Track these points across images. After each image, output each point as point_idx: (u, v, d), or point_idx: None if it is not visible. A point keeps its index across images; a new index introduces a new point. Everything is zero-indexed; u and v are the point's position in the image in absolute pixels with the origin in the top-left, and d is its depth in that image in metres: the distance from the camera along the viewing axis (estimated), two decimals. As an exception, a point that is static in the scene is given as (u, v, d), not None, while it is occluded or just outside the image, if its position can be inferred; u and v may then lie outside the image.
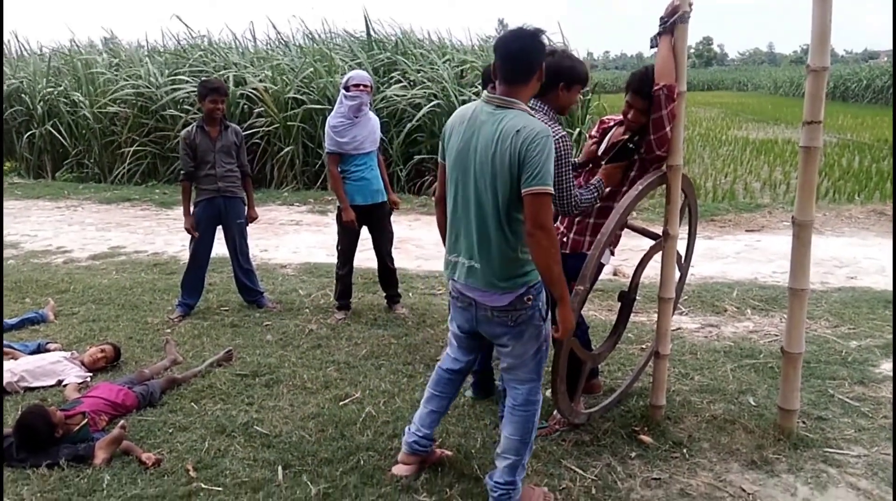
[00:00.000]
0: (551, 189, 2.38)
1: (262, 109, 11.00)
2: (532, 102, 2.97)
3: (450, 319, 2.90)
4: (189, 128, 4.96)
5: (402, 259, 6.66)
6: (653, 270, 3.52)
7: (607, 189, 3.21)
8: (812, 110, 2.95)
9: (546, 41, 2.57)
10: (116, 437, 3.16)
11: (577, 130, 10.54)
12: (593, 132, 3.52)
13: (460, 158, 2.52)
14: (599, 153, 3.33)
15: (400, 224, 8.14)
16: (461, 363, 2.93)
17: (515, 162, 2.37)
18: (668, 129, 3.06)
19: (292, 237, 8.00)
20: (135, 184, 11.58)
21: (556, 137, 2.82)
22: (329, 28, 13.62)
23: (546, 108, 3.04)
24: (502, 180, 2.41)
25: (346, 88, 4.72)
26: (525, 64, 2.45)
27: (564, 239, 3.40)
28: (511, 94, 2.46)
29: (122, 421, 3.31)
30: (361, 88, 4.70)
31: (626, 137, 3.24)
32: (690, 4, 2.99)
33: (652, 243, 3.39)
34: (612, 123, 3.46)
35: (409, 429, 2.98)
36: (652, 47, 3.11)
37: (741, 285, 5.74)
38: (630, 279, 3.53)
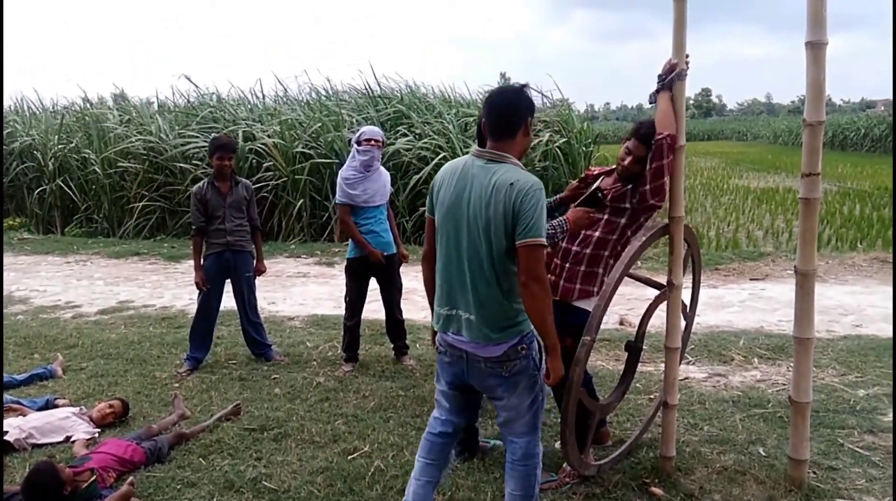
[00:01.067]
0: (544, 241, 2.44)
1: (271, 163, 11.20)
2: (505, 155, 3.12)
3: (436, 378, 2.85)
4: (200, 184, 5.07)
5: (409, 310, 6.67)
6: (659, 319, 3.55)
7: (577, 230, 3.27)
8: (810, 163, 3.02)
9: (532, 96, 2.64)
10: (125, 494, 3.15)
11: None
12: (574, 183, 3.62)
13: (452, 210, 2.56)
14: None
15: (406, 275, 8.19)
16: (452, 424, 2.85)
17: (510, 213, 2.43)
18: (666, 179, 3.13)
19: (300, 289, 8.05)
20: (143, 238, 11.72)
21: (533, 181, 2.97)
22: (334, 85, 13.93)
23: (511, 157, 3.17)
24: (496, 232, 2.47)
25: (359, 143, 4.85)
26: (510, 119, 2.54)
27: (553, 287, 3.44)
28: (500, 149, 2.54)
29: (130, 478, 3.32)
30: (373, 143, 4.83)
31: (597, 185, 3.29)
32: (687, 63, 3.10)
33: (657, 292, 3.42)
34: (596, 172, 3.55)
35: None
36: (651, 103, 3.21)
37: (747, 334, 5.74)
38: (636, 329, 3.56)
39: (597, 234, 3.35)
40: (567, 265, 3.40)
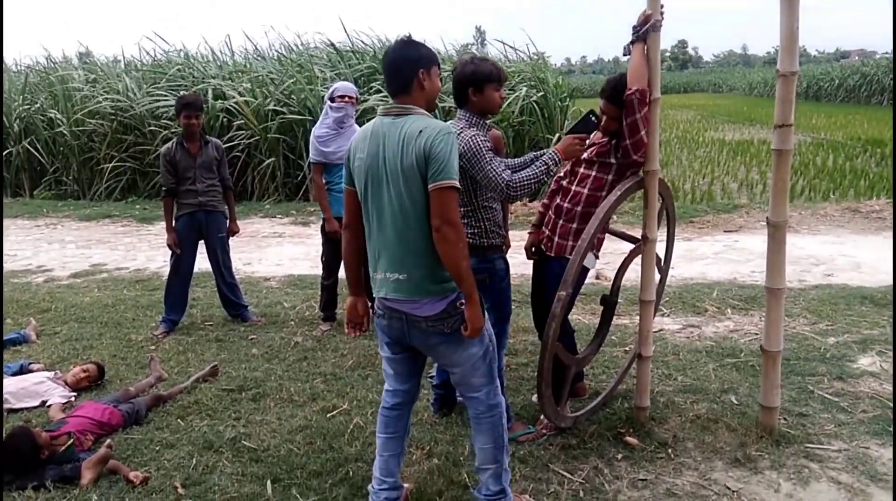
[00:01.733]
0: (457, 183, 2.38)
1: (243, 121, 10.99)
2: (458, 112, 3.19)
3: (380, 346, 2.77)
4: (169, 144, 4.97)
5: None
6: (634, 273, 3.57)
7: (567, 166, 3.25)
8: (783, 114, 3.02)
9: (424, 49, 2.55)
10: (103, 456, 3.14)
11: (557, 135, 10.63)
12: None
13: (371, 173, 2.49)
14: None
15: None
16: (402, 394, 2.79)
17: (423, 161, 2.38)
18: (643, 133, 3.11)
19: (275, 250, 7.99)
20: (115, 200, 11.51)
21: (468, 136, 2.99)
22: (304, 40, 13.62)
23: (468, 115, 3.15)
24: (416, 183, 2.41)
25: (332, 100, 4.76)
26: (399, 74, 2.50)
27: (548, 242, 3.46)
28: (403, 103, 2.51)
29: (108, 440, 3.30)
30: (346, 99, 4.75)
31: (591, 110, 3.25)
32: (662, 14, 3.05)
33: (632, 246, 3.44)
34: None
35: (374, 487, 2.79)
36: (625, 55, 3.17)
37: (721, 286, 5.82)
38: (611, 283, 3.58)
39: (586, 191, 3.35)
40: (560, 222, 3.42)
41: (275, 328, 5.12)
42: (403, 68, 2.50)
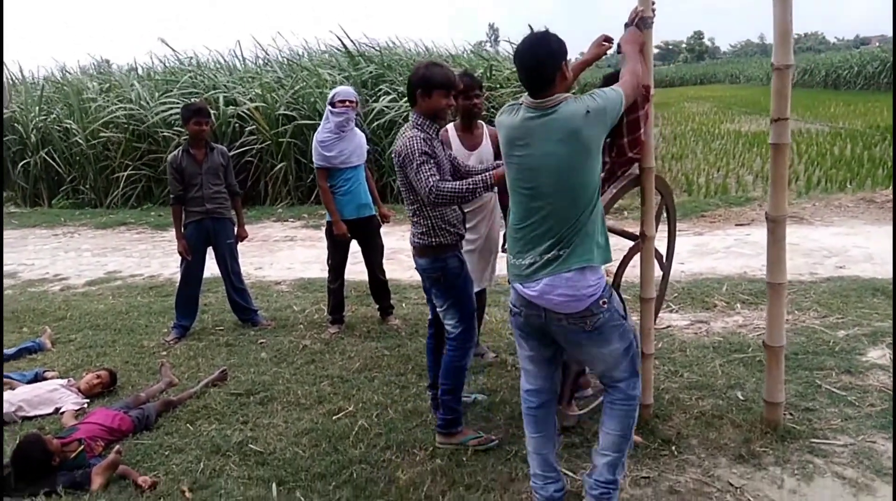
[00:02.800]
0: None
1: (254, 127, 11.09)
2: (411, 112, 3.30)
3: (519, 344, 2.79)
4: (175, 152, 5.03)
5: (395, 270, 6.70)
6: (637, 270, 3.56)
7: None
8: (779, 108, 2.99)
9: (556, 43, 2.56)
10: (112, 462, 3.20)
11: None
12: None
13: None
14: None
15: (393, 235, 8.20)
16: (545, 393, 2.81)
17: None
18: (642, 130, 3.11)
19: (286, 253, 8.06)
20: (130, 208, 11.67)
21: (407, 136, 3.13)
22: (311, 45, 13.71)
23: (416, 116, 3.24)
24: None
25: (332, 104, 4.80)
26: (543, 72, 2.53)
27: None
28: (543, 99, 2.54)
29: (117, 446, 3.36)
30: (347, 104, 4.79)
31: None
32: (654, 10, 3.04)
33: (631, 243, 3.43)
34: None
35: (537, 483, 2.80)
36: (618, 52, 3.16)
37: (730, 280, 5.78)
38: (612, 280, 3.57)
39: None
40: None
41: (284, 331, 5.17)
42: (545, 66, 2.50)
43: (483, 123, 4.10)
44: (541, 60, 2.51)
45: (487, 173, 3.17)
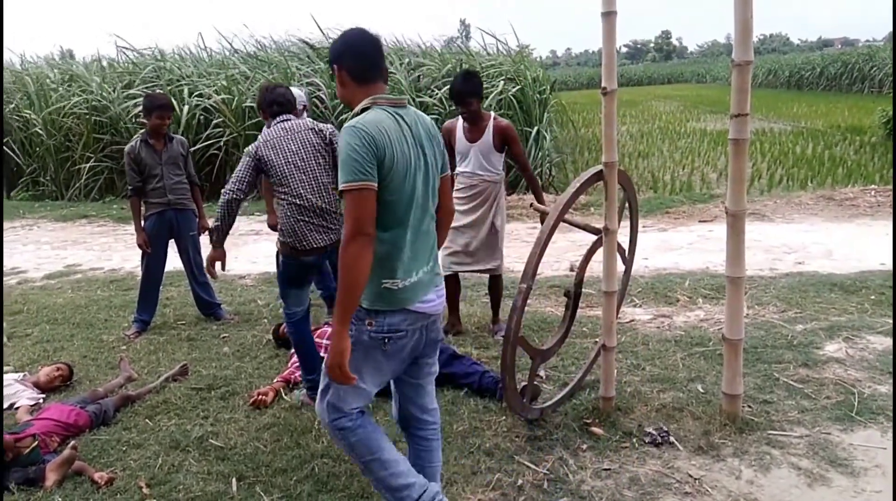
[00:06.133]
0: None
1: (220, 119, 10.93)
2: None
3: (387, 373, 2.46)
4: (133, 143, 4.92)
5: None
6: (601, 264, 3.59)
7: None
8: (739, 104, 3.04)
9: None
10: (67, 458, 3.13)
11: (535, 128, 10.65)
12: None
13: (415, 168, 2.39)
14: None
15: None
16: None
17: (442, 150, 2.50)
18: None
19: (251, 248, 7.97)
20: (92, 200, 11.44)
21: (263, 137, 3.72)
22: (278, 37, 13.56)
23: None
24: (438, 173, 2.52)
25: None
26: (383, 61, 2.43)
27: None
28: (385, 92, 2.39)
29: (72, 442, 3.29)
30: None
31: None
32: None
33: (593, 238, 3.45)
34: None
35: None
36: None
37: (693, 276, 5.86)
38: (576, 274, 3.60)
39: None
40: None
41: (248, 326, 5.11)
42: (383, 54, 2.39)
43: (493, 116, 4.43)
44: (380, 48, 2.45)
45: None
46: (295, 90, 4.99)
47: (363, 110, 2.27)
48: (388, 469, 2.42)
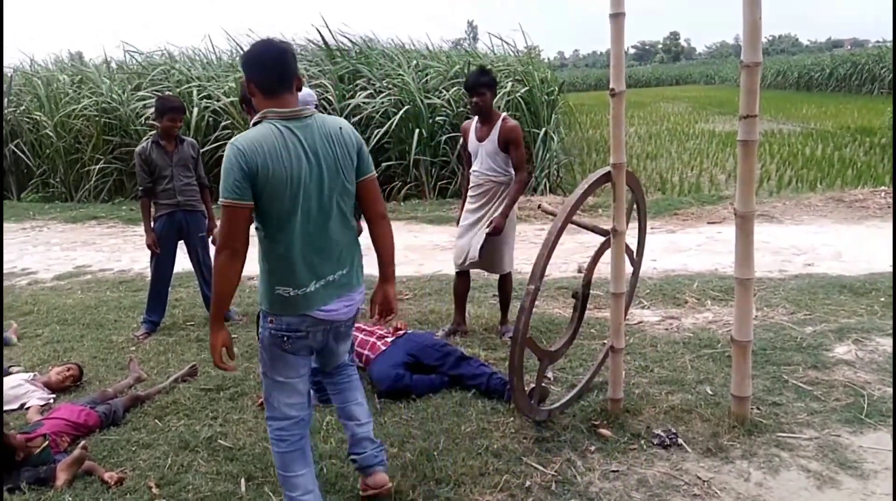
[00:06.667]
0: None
1: (229, 121, 10.97)
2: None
3: (292, 370, 2.57)
4: (144, 144, 4.97)
5: (370, 265, 6.65)
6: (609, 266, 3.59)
7: None
8: (748, 105, 3.03)
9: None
10: (78, 458, 3.15)
11: (543, 129, 10.64)
12: None
13: (301, 180, 2.43)
14: None
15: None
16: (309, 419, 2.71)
17: (355, 154, 2.53)
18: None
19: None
20: (102, 201, 11.50)
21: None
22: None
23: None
24: (351, 178, 2.56)
25: None
26: (289, 72, 2.43)
27: None
28: (290, 103, 2.42)
29: (83, 441, 3.31)
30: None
31: None
32: None
33: (601, 239, 3.45)
34: None
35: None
36: None
37: (702, 277, 5.84)
38: (584, 275, 3.59)
39: None
40: None
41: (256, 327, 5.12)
42: (290, 66, 2.39)
43: (502, 116, 4.42)
44: (288, 58, 2.46)
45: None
46: (305, 90, 5.01)
47: (255, 124, 2.36)
48: (292, 491, 2.59)
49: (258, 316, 2.65)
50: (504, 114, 4.48)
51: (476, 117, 4.49)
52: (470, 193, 4.57)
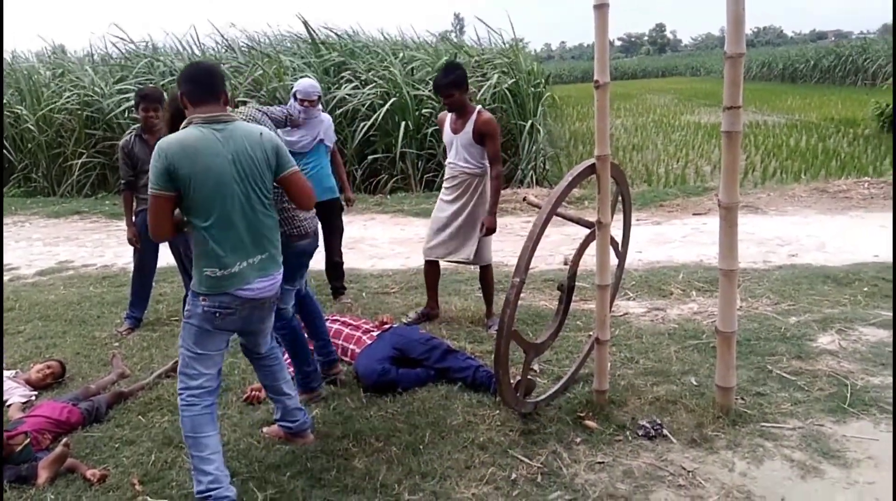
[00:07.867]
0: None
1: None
2: None
3: (212, 345, 2.89)
4: (127, 137, 4.91)
5: (356, 259, 6.67)
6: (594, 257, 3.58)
7: None
8: (731, 96, 3.03)
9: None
10: (59, 455, 3.12)
11: (529, 121, 10.63)
12: None
13: (222, 177, 2.78)
14: None
15: (354, 224, 8.16)
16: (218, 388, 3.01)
17: (273, 156, 2.87)
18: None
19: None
20: (84, 196, 11.36)
21: None
22: (273, 32, 13.51)
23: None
24: (269, 175, 2.88)
25: (295, 97, 4.83)
26: (215, 84, 2.84)
27: None
28: (214, 110, 2.81)
29: (65, 439, 3.28)
30: (307, 104, 4.78)
31: None
32: None
33: (587, 231, 3.45)
34: None
35: (219, 488, 2.81)
36: None
37: (687, 268, 5.86)
38: (569, 267, 3.59)
39: None
40: None
41: (241, 321, 5.08)
42: (216, 81, 2.81)
43: (477, 109, 4.41)
44: (215, 72, 2.91)
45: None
46: (310, 81, 4.98)
47: (184, 128, 2.73)
48: (200, 451, 2.81)
49: (184, 298, 2.95)
50: (479, 107, 4.44)
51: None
52: (445, 184, 4.62)
